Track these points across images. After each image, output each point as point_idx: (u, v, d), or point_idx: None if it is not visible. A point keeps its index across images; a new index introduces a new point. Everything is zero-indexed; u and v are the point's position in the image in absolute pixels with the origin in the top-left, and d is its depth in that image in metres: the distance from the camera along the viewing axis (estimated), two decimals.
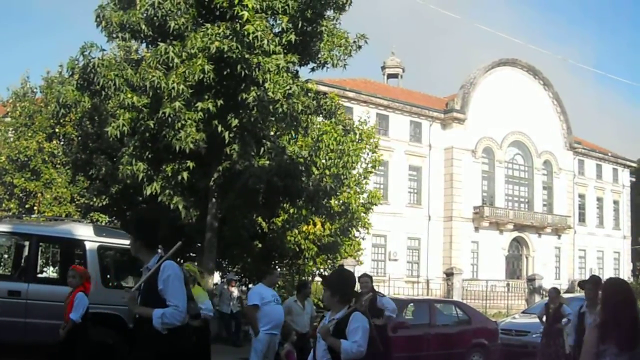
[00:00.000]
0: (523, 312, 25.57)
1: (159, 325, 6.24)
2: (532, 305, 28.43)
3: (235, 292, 21.77)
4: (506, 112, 58.66)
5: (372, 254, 48.60)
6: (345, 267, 25.70)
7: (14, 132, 25.90)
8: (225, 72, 14.58)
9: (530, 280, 41.06)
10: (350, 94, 51.42)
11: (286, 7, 14.95)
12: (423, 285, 44.00)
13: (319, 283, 25.60)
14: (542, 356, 16.08)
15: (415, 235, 55.18)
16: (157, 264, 6.53)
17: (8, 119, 26.92)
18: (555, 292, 17.00)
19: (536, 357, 16.56)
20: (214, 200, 15.67)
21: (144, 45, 18.27)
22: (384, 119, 53.99)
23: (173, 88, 13.70)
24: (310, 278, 24.58)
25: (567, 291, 38.37)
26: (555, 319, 16.04)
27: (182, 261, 21.93)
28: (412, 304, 19.38)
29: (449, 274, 36.21)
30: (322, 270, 25.26)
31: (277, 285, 23.77)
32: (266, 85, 13.94)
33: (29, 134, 24.65)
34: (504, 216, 59.20)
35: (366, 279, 13.27)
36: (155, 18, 14.51)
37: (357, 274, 25.17)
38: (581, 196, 68.52)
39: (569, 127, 65.54)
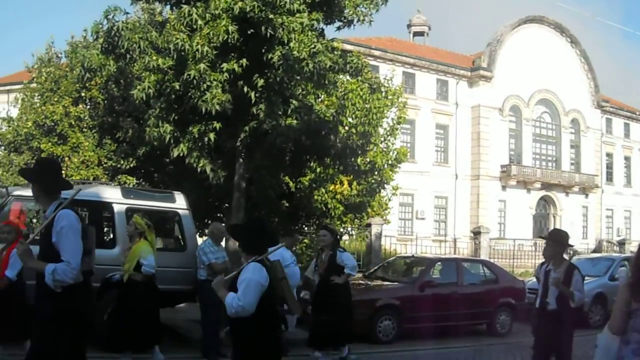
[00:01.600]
0: None
1: (50, 282, 5.80)
2: None
3: None
4: (533, 70, 58.19)
5: (399, 212, 48.56)
6: (373, 225, 25.78)
7: (39, 97, 25.96)
8: (249, 33, 14.50)
9: None
10: (376, 53, 51.27)
11: None
12: (450, 244, 43.86)
13: (346, 242, 25.67)
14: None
15: (443, 194, 55.23)
16: (53, 213, 6.09)
17: (34, 85, 26.98)
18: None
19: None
20: (241, 160, 15.66)
21: (167, 7, 18.23)
22: (410, 77, 53.85)
23: (197, 50, 13.67)
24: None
25: (594, 250, 38.17)
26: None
27: (209, 221, 22.05)
28: (439, 263, 19.37)
29: (476, 233, 36.02)
30: (349, 229, 25.29)
31: (304, 244, 23.90)
32: (291, 44, 13.86)
33: (55, 99, 24.71)
34: (532, 175, 59.00)
35: (324, 232, 13.17)
36: None
37: (384, 233, 25.25)
38: (609, 155, 68.02)
39: (597, 86, 64.95)
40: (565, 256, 9.58)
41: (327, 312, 12.05)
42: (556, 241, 9.54)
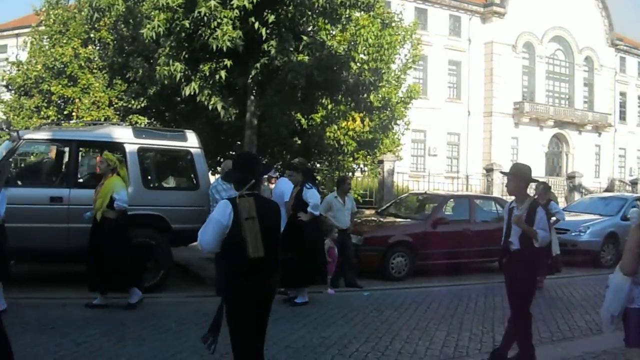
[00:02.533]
0: (563, 210, 25.53)
1: None
2: (572, 203, 28.35)
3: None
4: (547, 7, 57.70)
5: (411, 149, 48.51)
6: (385, 162, 25.74)
7: (48, 40, 25.82)
8: None
9: (570, 177, 40.78)
10: None
11: None
12: (462, 181, 43.85)
13: (358, 178, 25.66)
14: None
15: (455, 131, 55.20)
16: None
17: (42, 28, 26.81)
18: (542, 187, 16.20)
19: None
20: (252, 98, 15.57)
21: None
22: (422, 12, 53.63)
23: None
24: (350, 174, 24.61)
25: (606, 190, 38.11)
26: None
27: (221, 159, 22.07)
28: (451, 200, 19.37)
29: (488, 170, 35.96)
30: (361, 165, 25.26)
31: (318, 181, 23.95)
32: None
33: (64, 41, 24.55)
34: (544, 112, 58.88)
35: (290, 172, 13.17)
36: None
37: (397, 170, 25.26)
38: (622, 94, 67.73)
39: (611, 24, 64.41)
40: (530, 192, 9.12)
41: (292, 250, 11.96)
42: (516, 175, 8.85)
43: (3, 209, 10.23)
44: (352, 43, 17.45)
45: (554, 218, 15.15)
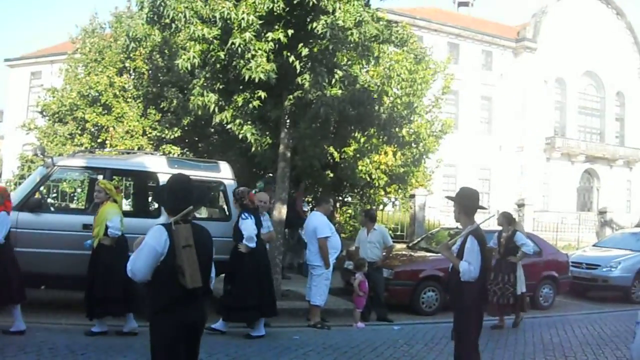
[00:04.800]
0: (594, 245, 25.35)
1: None
2: (603, 238, 28.13)
3: None
4: (578, 42, 57.67)
5: (442, 183, 48.37)
6: (417, 196, 25.73)
7: (84, 68, 26.05)
8: (295, 1, 14.42)
9: (602, 213, 40.53)
10: (421, 23, 51.06)
11: None
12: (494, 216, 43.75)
13: (390, 212, 25.66)
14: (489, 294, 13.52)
15: (486, 166, 54.84)
16: None
17: (78, 56, 27.08)
18: (502, 217, 15.13)
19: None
20: (285, 130, 15.64)
21: None
22: (454, 47, 53.71)
23: (243, 18, 13.60)
24: (381, 207, 24.61)
25: (637, 225, 37.86)
26: (508, 251, 14.44)
27: (256, 191, 22.15)
28: (494, 234, 19.35)
29: (520, 205, 35.85)
30: (393, 199, 25.27)
31: (348, 215, 23.95)
32: (336, 13, 13.75)
33: (99, 69, 24.76)
34: (576, 147, 58.68)
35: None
36: None
37: (428, 204, 25.31)
38: None
39: None
40: (478, 220, 8.29)
41: (232, 283, 11.88)
42: (456, 201, 8.23)
43: (3, 233, 10.33)
44: (386, 77, 17.48)
45: (519, 253, 14.44)
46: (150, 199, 16.82)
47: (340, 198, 24.16)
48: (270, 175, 18.55)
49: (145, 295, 6.19)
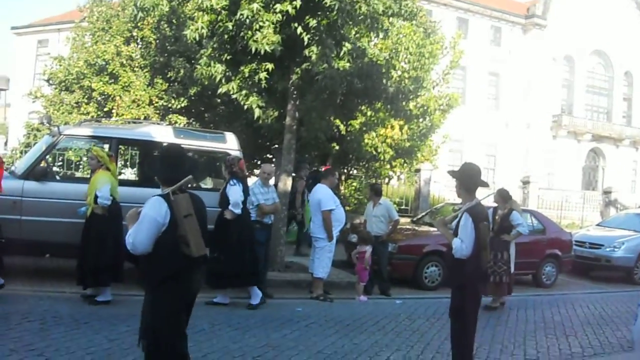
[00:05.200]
0: (598, 225, 25.34)
1: None
2: (607, 218, 28.13)
3: None
4: (588, 20, 57.37)
5: (448, 158, 48.31)
6: (422, 171, 25.72)
7: (91, 36, 25.98)
8: None
9: (606, 192, 40.48)
10: None
11: None
12: None
13: (395, 186, 25.65)
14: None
15: (492, 142, 54.73)
16: None
17: (85, 24, 27.00)
18: (498, 194, 14.69)
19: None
20: (292, 102, 15.60)
21: None
22: (463, 22, 53.47)
23: None
24: (386, 181, 24.60)
25: None
26: (502, 229, 14.13)
27: (259, 162, 22.14)
28: (489, 210, 19.30)
29: (525, 182, 35.82)
30: (398, 173, 25.25)
31: (353, 187, 23.95)
32: None
33: (107, 38, 24.69)
34: (582, 126, 58.60)
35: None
36: None
37: (433, 179, 25.32)
38: None
39: None
40: (479, 197, 8.03)
41: (218, 250, 11.85)
42: (457, 177, 8.14)
43: None
44: (394, 51, 17.41)
45: (514, 231, 14.14)
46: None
47: (345, 171, 24.17)
48: (277, 146, 18.55)
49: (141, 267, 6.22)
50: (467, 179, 7.98)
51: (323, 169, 16.84)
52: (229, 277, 11.80)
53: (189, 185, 7.28)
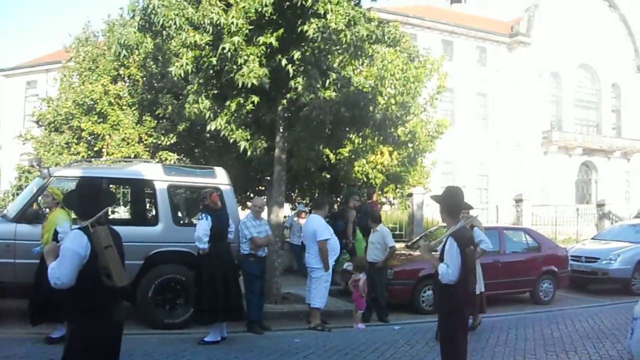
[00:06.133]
0: (593, 239, 25.38)
1: None
2: (602, 231, 28.16)
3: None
4: (572, 35, 57.82)
5: (440, 181, 48.39)
6: (415, 195, 25.74)
7: (78, 76, 26.00)
8: (285, 5, 14.44)
9: (600, 205, 40.59)
10: (414, 21, 51.08)
11: None
12: (493, 212, 43.70)
13: (388, 212, 25.64)
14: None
15: (484, 162, 54.80)
16: None
17: (72, 64, 27.07)
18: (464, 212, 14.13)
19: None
20: (280, 133, 15.65)
21: None
22: (448, 44, 53.78)
23: (233, 23, 13.63)
24: (380, 207, 24.64)
25: (637, 216, 37.92)
26: None
27: (251, 194, 22.15)
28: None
29: (518, 201, 35.93)
30: (390, 199, 25.27)
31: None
32: (327, 15, 13.75)
33: (94, 78, 24.72)
34: (573, 140, 58.83)
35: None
36: None
37: (426, 202, 25.38)
38: None
39: (637, 49, 64.56)
40: (463, 221, 7.87)
41: (199, 286, 11.87)
42: (438, 202, 8.01)
43: None
44: (379, 78, 17.47)
45: (479, 248, 13.24)
46: (147, 206, 16.89)
47: (337, 199, 24.19)
48: (268, 178, 18.56)
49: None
50: (450, 202, 7.85)
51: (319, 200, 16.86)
52: (213, 312, 11.77)
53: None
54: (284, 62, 14.10)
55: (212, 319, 11.90)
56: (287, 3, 14.35)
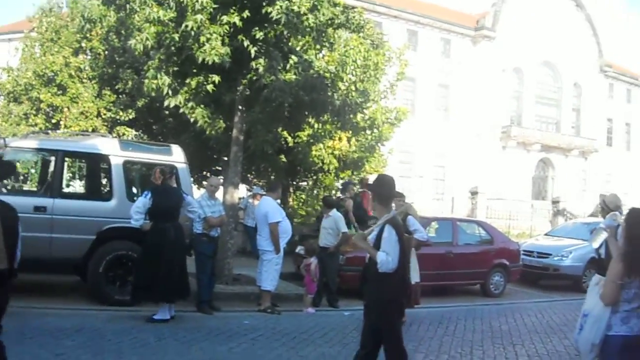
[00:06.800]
0: (546, 234, 25.63)
1: None
2: (556, 228, 28.45)
3: None
4: (537, 32, 58.22)
5: (398, 169, 48.54)
6: (370, 182, 25.75)
7: (40, 47, 25.69)
8: None
9: (555, 202, 41.04)
10: (380, 9, 51.14)
11: None
12: (448, 204, 44.04)
13: (342, 198, 25.73)
14: None
15: (442, 153, 55.01)
16: None
17: (34, 34, 26.71)
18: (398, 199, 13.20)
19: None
20: (239, 114, 15.59)
21: None
22: (413, 34, 53.81)
23: (197, 1, 13.55)
24: (334, 192, 24.65)
25: (591, 214, 38.41)
26: None
27: (207, 174, 22.06)
28: (435, 222, 19.40)
29: (473, 193, 36.24)
30: None
31: (301, 200, 23.96)
32: None
33: (55, 49, 24.43)
34: (532, 136, 59.26)
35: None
36: None
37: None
38: (609, 120, 67.94)
39: (601, 50, 65.20)
40: (395, 209, 7.75)
41: (142, 264, 11.87)
42: (370, 190, 8.05)
43: None
44: (341, 63, 17.44)
45: (414, 239, 12.33)
46: (102, 181, 16.75)
47: (294, 183, 24.18)
48: (225, 159, 18.51)
49: None
50: (382, 190, 7.73)
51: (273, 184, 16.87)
52: (148, 290, 11.70)
53: None
54: (246, 42, 14.04)
55: (147, 297, 11.88)
56: None
